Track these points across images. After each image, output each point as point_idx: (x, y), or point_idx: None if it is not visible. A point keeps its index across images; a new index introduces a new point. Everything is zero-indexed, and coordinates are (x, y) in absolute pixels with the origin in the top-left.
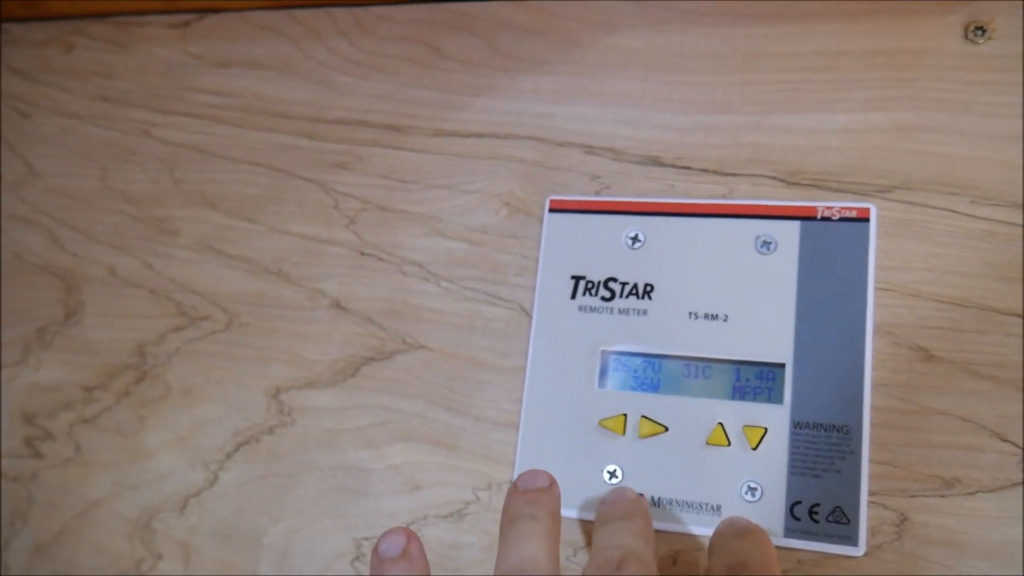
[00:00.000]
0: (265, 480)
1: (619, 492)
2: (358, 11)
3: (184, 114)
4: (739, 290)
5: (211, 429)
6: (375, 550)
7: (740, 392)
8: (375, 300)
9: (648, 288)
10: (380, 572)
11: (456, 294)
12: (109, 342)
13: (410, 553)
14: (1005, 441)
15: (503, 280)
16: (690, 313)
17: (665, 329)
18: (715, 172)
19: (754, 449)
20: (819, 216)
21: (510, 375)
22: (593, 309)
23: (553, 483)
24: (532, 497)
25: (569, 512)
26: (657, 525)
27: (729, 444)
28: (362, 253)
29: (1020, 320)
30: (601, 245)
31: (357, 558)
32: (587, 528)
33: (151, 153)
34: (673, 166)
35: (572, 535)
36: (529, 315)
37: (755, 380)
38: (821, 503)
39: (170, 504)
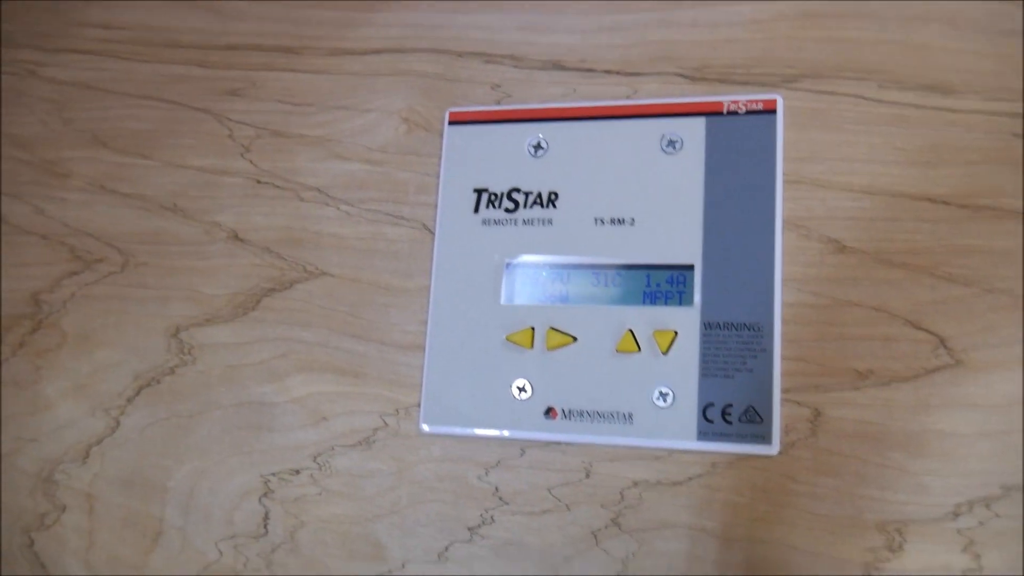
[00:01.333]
0: (168, 422)
1: None
2: None
3: (72, 51)
4: (645, 192)
5: (110, 374)
6: None
7: (650, 297)
8: (273, 229)
9: (552, 196)
10: None
11: (357, 217)
12: (2, 293)
13: None
14: (920, 329)
15: (404, 199)
16: (596, 219)
17: (571, 237)
18: (619, 73)
19: (665, 353)
20: (725, 111)
21: (414, 296)
22: (497, 222)
23: None
24: None
25: (480, 430)
26: (569, 438)
27: (639, 350)
28: (258, 182)
29: (932, 204)
30: (503, 156)
31: (265, 494)
32: (498, 446)
33: (39, 94)
34: (576, 69)
35: (482, 455)
36: (432, 233)
37: (666, 284)
38: (734, 404)
39: (71, 455)
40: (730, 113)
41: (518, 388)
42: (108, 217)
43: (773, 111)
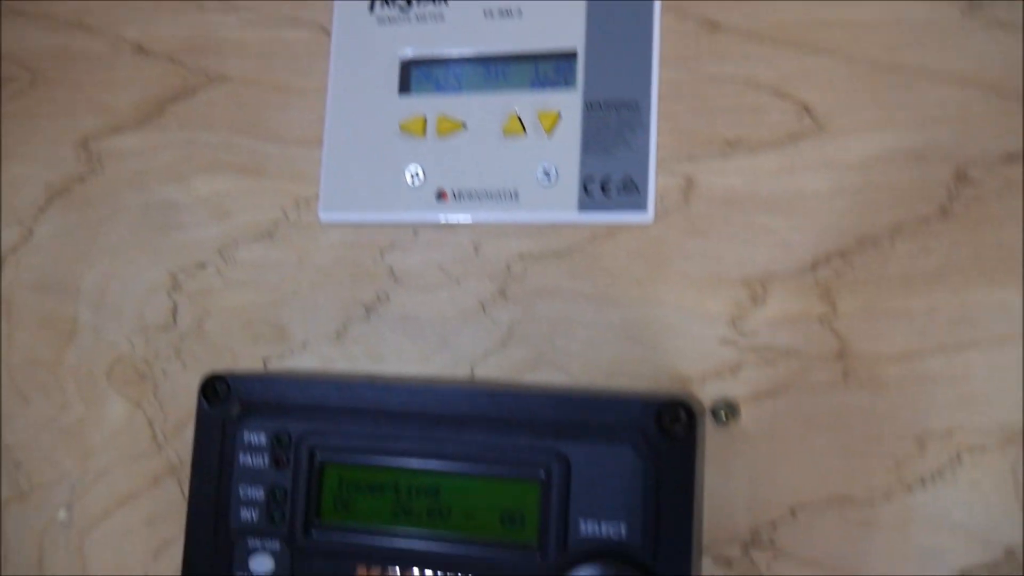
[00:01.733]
0: (79, 228)
1: None
2: None
3: None
4: None
5: (22, 187)
6: None
7: (536, 83)
8: (176, 39)
9: None
10: None
11: (256, 23)
12: None
13: None
14: (784, 98)
15: (302, 3)
16: (485, 12)
17: (462, 31)
18: None
19: (549, 134)
20: None
21: (313, 96)
22: (391, 20)
23: None
24: None
25: (375, 215)
26: (459, 218)
27: (525, 132)
28: None
29: None
30: None
31: (173, 288)
32: (392, 230)
33: None
34: None
35: (378, 239)
36: (329, 34)
37: (550, 71)
38: (612, 176)
39: None
40: None
41: (411, 174)
42: (14, 36)
43: None
